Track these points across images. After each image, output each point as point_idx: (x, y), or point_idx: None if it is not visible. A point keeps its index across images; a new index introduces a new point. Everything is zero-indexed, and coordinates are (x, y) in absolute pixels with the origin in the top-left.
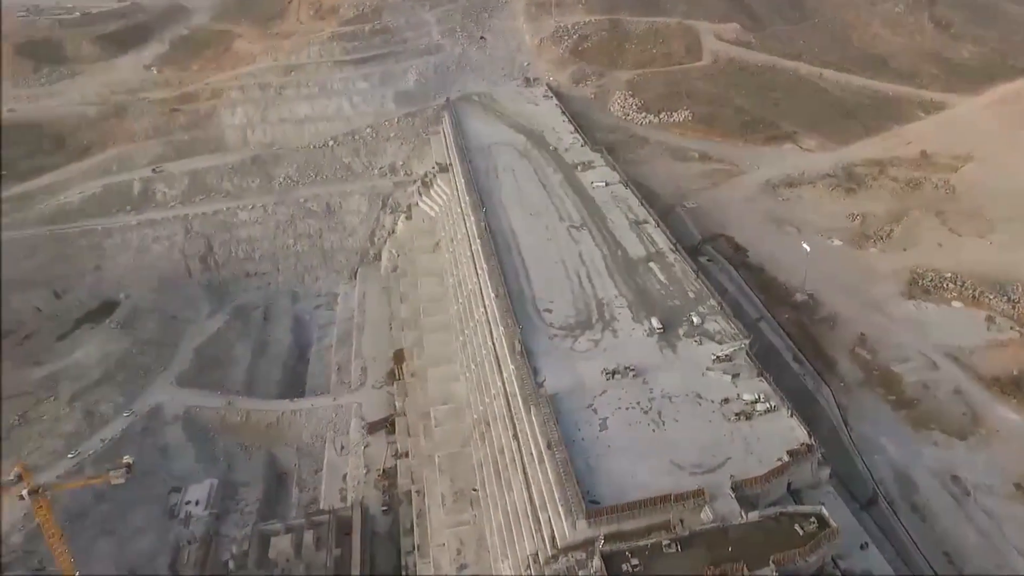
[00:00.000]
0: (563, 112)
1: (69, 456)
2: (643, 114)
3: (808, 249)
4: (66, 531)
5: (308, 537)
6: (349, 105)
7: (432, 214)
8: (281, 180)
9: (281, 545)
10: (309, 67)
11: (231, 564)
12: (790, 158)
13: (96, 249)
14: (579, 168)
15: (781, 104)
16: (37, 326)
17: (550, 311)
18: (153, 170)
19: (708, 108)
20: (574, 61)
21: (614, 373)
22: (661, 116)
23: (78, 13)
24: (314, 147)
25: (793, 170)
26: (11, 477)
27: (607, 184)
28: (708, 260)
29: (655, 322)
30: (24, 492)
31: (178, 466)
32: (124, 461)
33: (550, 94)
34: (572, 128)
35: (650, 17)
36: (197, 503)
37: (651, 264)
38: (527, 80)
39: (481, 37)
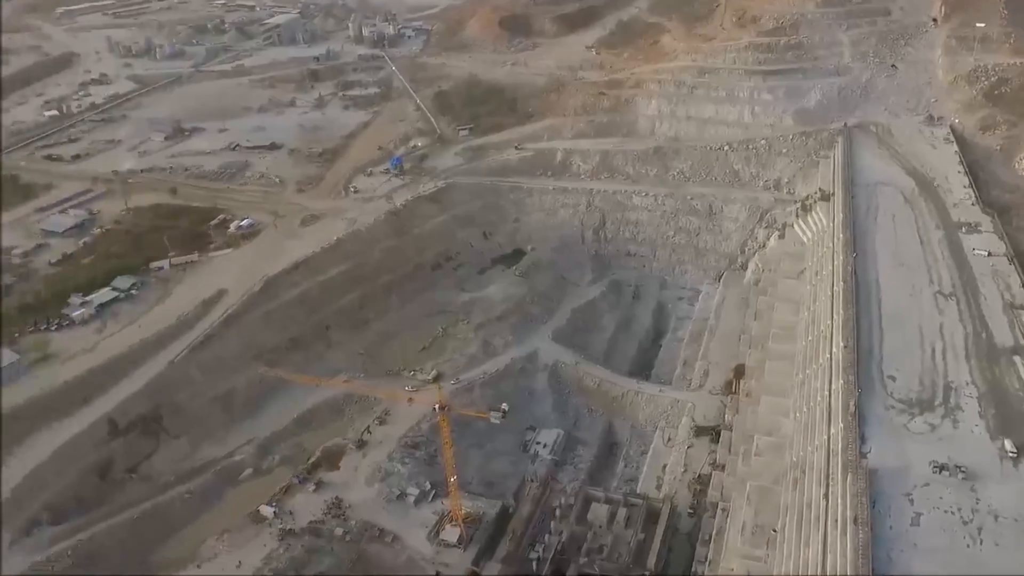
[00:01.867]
0: (961, 161)
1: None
2: None
3: None
4: (452, 435)
5: (621, 514)
6: (750, 114)
7: (804, 240)
8: (675, 174)
9: (599, 512)
10: (722, 72)
11: (558, 512)
12: None
13: (519, 204)
14: (963, 229)
15: None
16: (468, 258)
17: (893, 379)
18: (515, 147)
19: None
20: (986, 105)
21: (942, 468)
22: None
23: None
24: (710, 148)
25: None
26: (429, 377)
27: (989, 254)
28: None
29: (1009, 445)
30: (436, 407)
31: (538, 409)
32: (502, 407)
33: (951, 138)
34: (967, 182)
35: None
36: (545, 446)
37: (1015, 357)
38: (930, 118)
39: (892, 65)
